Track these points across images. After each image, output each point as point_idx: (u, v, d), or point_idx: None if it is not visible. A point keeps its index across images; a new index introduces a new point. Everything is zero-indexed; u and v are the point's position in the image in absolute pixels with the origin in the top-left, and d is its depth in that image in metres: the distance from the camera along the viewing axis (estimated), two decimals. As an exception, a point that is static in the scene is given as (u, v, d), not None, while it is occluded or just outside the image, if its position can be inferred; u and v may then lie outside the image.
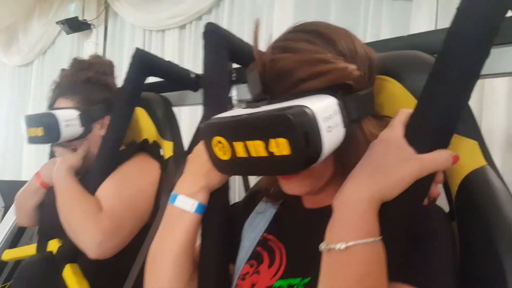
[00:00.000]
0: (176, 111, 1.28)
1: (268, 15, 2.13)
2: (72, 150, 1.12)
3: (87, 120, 1.10)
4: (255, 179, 0.89)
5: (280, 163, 0.45)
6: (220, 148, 0.50)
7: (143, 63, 1.09)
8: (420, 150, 0.48)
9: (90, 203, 0.99)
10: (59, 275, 0.99)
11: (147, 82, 1.14)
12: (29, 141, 1.13)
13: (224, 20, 2.35)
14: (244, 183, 1.23)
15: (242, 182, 1.24)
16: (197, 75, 1.21)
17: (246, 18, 2.25)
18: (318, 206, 0.63)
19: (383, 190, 0.47)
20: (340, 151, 0.51)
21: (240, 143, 0.47)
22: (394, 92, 0.63)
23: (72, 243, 0.99)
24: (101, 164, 1.07)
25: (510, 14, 0.50)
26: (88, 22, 3.25)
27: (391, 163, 0.48)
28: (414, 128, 0.50)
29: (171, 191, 0.68)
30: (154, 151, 1.16)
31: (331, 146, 0.48)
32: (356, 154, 0.52)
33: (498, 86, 1.34)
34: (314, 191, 0.59)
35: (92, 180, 1.05)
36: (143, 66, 1.10)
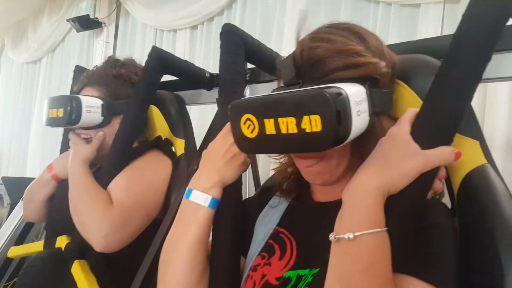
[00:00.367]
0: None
1: (280, 17, 2.13)
2: (86, 140, 1.13)
3: (108, 111, 1.12)
4: (266, 176, 0.91)
5: (310, 139, 0.48)
6: (249, 126, 0.53)
7: (159, 61, 1.11)
8: (425, 146, 0.51)
9: (101, 195, 1.00)
10: (68, 271, 1.00)
11: (161, 81, 1.16)
12: (47, 122, 1.13)
13: (236, 21, 2.33)
14: (254, 180, 1.24)
15: (252, 180, 1.24)
16: (211, 75, 1.24)
17: (258, 20, 2.23)
18: (328, 199, 0.66)
19: (389, 183, 0.50)
20: (359, 139, 0.54)
21: (271, 120, 0.50)
22: (405, 96, 0.65)
23: (80, 240, 0.99)
24: (113, 159, 1.08)
25: (511, 22, 0.54)
26: (99, 21, 3.21)
27: (398, 157, 0.51)
28: (420, 125, 0.53)
29: (182, 188, 0.69)
30: (167, 148, 1.17)
31: (358, 129, 0.51)
32: (372, 145, 0.55)
33: (500, 91, 1.36)
34: (331, 180, 0.62)
35: (104, 175, 1.06)
36: (160, 64, 1.11)
